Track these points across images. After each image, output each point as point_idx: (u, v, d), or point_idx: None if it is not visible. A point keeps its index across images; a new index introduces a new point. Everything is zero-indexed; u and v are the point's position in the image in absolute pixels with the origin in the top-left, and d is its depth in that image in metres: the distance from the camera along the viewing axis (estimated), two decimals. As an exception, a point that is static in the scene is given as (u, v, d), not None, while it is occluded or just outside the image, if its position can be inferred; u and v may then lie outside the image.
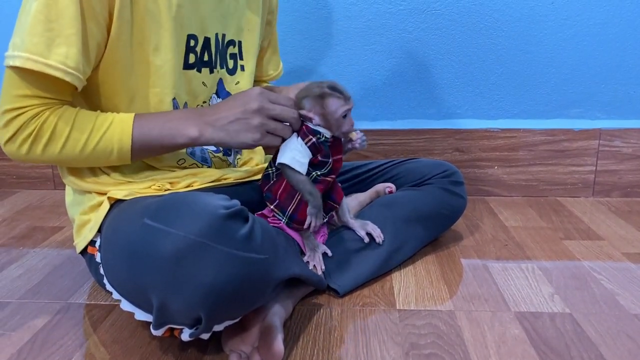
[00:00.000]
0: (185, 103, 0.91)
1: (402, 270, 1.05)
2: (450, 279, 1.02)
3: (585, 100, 1.48)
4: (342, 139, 0.90)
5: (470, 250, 1.15)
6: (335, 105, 0.84)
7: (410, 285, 1.00)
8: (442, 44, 1.46)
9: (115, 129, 0.81)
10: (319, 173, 0.87)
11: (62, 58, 0.75)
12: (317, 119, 0.84)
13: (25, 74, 0.76)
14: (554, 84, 1.47)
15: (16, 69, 0.76)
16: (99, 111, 0.84)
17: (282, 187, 0.88)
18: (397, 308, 0.91)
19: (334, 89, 0.84)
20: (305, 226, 0.87)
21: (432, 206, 1.09)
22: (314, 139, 0.85)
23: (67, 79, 0.76)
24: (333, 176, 0.90)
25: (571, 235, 1.24)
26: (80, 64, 0.77)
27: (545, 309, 0.90)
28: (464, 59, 1.47)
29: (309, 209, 0.86)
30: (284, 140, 0.85)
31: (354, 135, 0.91)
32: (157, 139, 0.83)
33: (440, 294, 0.96)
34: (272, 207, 0.89)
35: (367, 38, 1.47)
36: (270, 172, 0.90)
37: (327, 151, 0.87)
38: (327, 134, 0.86)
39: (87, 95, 0.86)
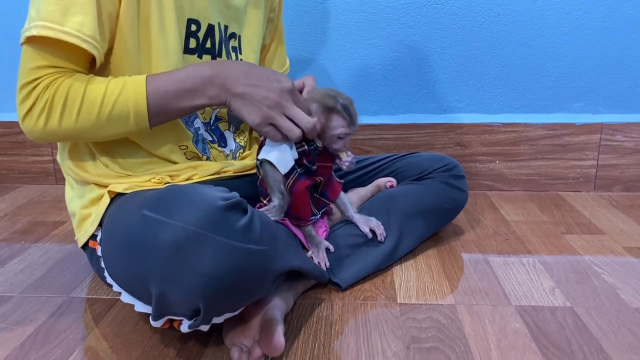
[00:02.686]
0: None
1: (403, 265, 1.06)
2: (451, 273, 1.02)
3: (587, 94, 1.48)
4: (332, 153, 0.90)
5: (471, 245, 1.15)
6: (337, 123, 0.85)
7: (411, 279, 1.00)
8: (443, 38, 1.46)
9: (129, 91, 0.80)
10: (299, 172, 0.88)
11: (78, 25, 0.76)
12: (314, 121, 0.83)
13: (41, 44, 0.76)
14: (555, 78, 1.47)
15: (32, 41, 0.77)
16: (110, 76, 0.83)
17: None
18: (398, 302, 0.91)
19: (346, 109, 0.84)
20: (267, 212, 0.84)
21: (434, 200, 1.09)
22: (305, 146, 0.86)
23: (84, 46, 0.77)
24: (320, 178, 0.91)
25: (572, 230, 1.23)
26: (96, 33, 0.77)
27: (546, 303, 0.90)
28: (465, 53, 1.46)
29: (272, 204, 0.85)
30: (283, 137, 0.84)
31: (344, 156, 0.90)
32: (175, 98, 0.81)
33: (441, 288, 0.96)
34: (265, 201, 0.90)
35: (368, 32, 1.47)
36: (258, 165, 0.90)
37: (314, 159, 0.88)
38: (318, 143, 0.87)
39: (96, 73, 0.86)
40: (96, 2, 0.77)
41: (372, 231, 0.99)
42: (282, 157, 0.84)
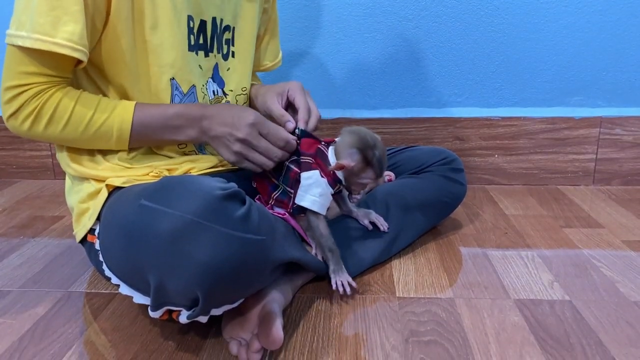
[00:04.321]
0: (194, 86, 0.92)
1: (401, 259, 1.06)
2: (450, 267, 1.02)
3: (586, 88, 1.47)
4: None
5: (470, 239, 1.15)
6: (367, 175, 0.85)
7: (410, 273, 1.00)
8: (442, 32, 1.45)
9: (116, 117, 0.83)
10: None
11: (69, 35, 0.76)
12: (347, 168, 0.83)
13: (31, 52, 0.77)
14: (554, 72, 1.46)
15: (22, 47, 0.77)
16: (101, 95, 0.86)
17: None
18: (397, 296, 0.91)
19: (380, 164, 0.84)
20: (333, 288, 0.88)
21: (432, 193, 1.09)
22: (335, 189, 0.87)
23: (75, 55, 0.78)
24: None
25: (571, 223, 1.24)
26: (85, 39, 0.78)
27: (545, 297, 0.90)
28: (464, 47, 1.46)
29: (330, 272, 0.88)
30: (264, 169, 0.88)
31: (356, 193, 0.91)
32: (158, 132, 0.86)
33: (440, 281, 0.96)
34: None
35: (366, 26, 1.46)
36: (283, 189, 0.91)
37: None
38: (342, 182, 0.87)
39: (93, 74, 0.87)
40: (85, 9, 0.77)
41: (373, 223, 0.99)
42: (320, 200, 0.85)
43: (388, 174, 1.13)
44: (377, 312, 0.86)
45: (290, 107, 0.99)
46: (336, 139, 0.87)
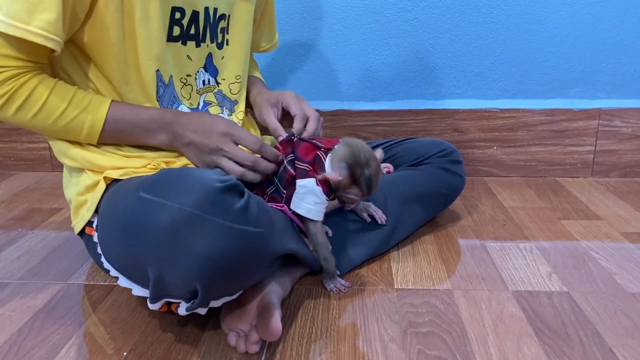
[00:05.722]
0: (171, 76, 0.91)
1: (400, 251, 1.06)
2: (448, 258, 1.02)
3: (585, 80, 1.47)
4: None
5: (468, 231, 1.15)
6: (354, 192, 0.84)
7: (408, 265, 1.00)
8: (441, 23, 1.45)
9: (89, 113, 0.83)
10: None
11: (44, 24, 0.75)
12: (335, 179, 0.82)
13: (6, 36, 0.76)
14: (553, 64, 1.46)
15: None
16: (76, 87, 0.85)
17: None
18: (395, 287, 0.92)
19: (368, 184, 0.82)
20: (327, 289, 0.91)
21: (431, 185, 1.09)
22: (330, 197, 0.87)
23: (49, 44, 0.77)
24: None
25: (569, 215, 1.24)
26: (60, 29, 0.77)
27: (543, 288, 0.91)
28: (463, 39, 1.46)
29: (323, 276, 0.90)
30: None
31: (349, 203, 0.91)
32: (129, 133, 0.87)
33: (438, 273, 0.97)
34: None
35: (365, 17, 1.45)
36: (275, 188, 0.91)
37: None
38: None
39: (82, 63, 0.86)
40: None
41: (371, 216, 0.99)
42: (315, 208, 0.85)
43: (386, 166, 1.13)
44: (376, 304, 0.87)
45: (285, 116, 1.00)
46: (336, 146, 0.86)
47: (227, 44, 1.01)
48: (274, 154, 0.88)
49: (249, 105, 1.10)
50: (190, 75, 0.94)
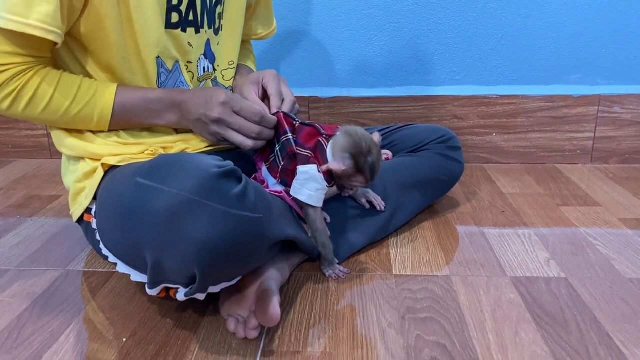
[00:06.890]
0: (177, 63, 0.91)
1: (398, 237, 1.06)
2: (447, 245, 1.03)
3: (585, 66, 1.46)
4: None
5: (467, 217, 1.16)
6: (357, 180, 0.85)
7: (406, 251, 1.00)
8: (441, 9, 1.44)
9: (97, 101, 0.84)
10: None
11: (43, 17, 0.75)
12: (339, 170, 0.82)
13: (6, 32, 0.76)
14: (553, 50, 1.45)
15: None
16: (82, 77, 0.85)
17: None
18: (394, 274, 0.92)
19: (371, 171, 0.83)
20: (326, 276, 0.91)
21: (430, 172, 1.09)
22: (331, 184, 0.87)
23: (49, 37, 0.76)
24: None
25: (568, 202, 1.24)
26: (59, 21, 0.77)
27: (541, 274, 0.91)
28: (462, 24, 1.45)
29: (322, 263, 0.91)
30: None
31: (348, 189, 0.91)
32: (139, 116, 0.87)
33: (436, 259, 0.97)
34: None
35: (364, 2, 1.44)
36: (274, 158, 0.90)
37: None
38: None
39: (79, 55, 0.86)
40: None
41: (370, 202, 0.99)
42: (316, 195, 0.85)
43: (385, 153, 1.13)
44: (374, 290, 0.87)
45: (266, 95, 0.99)
46: (337, 134, 0.86)
47: (222, 30, 1.00)
48: (275, 122, 0.89)
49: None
50: (191, 63, 0.94)
